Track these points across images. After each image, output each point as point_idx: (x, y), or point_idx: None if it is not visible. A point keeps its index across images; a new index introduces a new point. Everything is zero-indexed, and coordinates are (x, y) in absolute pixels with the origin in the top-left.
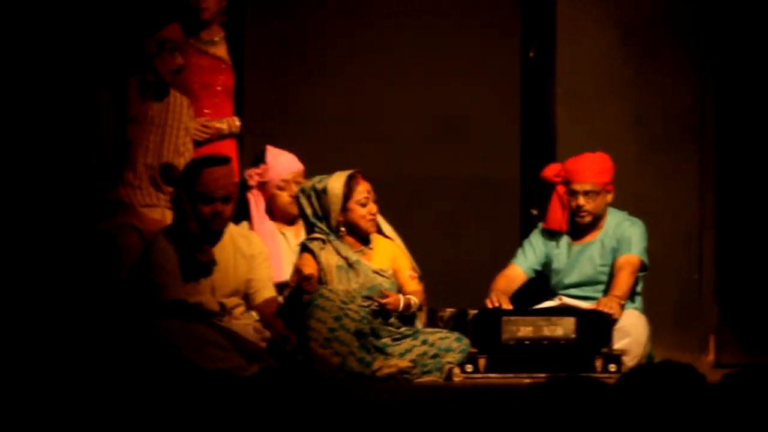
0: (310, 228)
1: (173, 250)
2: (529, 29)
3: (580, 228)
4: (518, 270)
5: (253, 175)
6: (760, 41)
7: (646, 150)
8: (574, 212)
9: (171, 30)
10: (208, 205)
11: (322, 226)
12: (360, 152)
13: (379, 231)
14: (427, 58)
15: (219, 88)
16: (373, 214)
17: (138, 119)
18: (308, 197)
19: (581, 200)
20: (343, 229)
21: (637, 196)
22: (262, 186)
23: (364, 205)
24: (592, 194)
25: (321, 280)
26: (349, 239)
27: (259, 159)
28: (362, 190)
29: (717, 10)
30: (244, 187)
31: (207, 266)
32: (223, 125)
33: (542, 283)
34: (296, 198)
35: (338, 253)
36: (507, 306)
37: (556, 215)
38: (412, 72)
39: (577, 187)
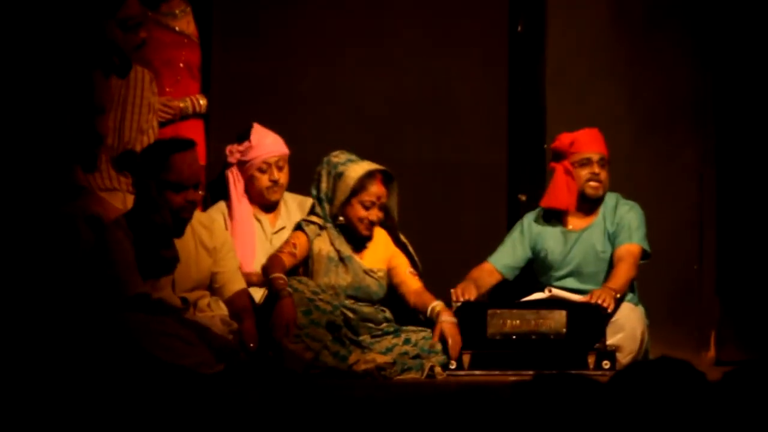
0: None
1: (130, 242)
2: (517, 2)
3: (578, 211)
4: (491, 268)
5: (234, 152)
6: (762, 13)
7: (642, 131)
8: (586, 183)
9: (129, 6)
10: (180, 193)
11: (326, 208)
12: (338, 135)
13: (396, 237)
14: (409, 34)
15: (181, 65)
16: (373, 221)
17: (105, 108)
18: (329, 173)
19: (596, 168)
20: (341, 218)
21: (632, 180)
22: (242, 165)
23: (366, 208)
24: (604, 163)
25: (307, 268)
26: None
27: (243, 136)
28: (373, 192)
29: None
30: (225, 164)
31: (170, 263)
32: (185, 104)
33: (532, 273)
34: (318, 170)
35: (332, 243)
36: (469, 297)
37: (562, 192)
38: (393, 49)
39: (592, 155)
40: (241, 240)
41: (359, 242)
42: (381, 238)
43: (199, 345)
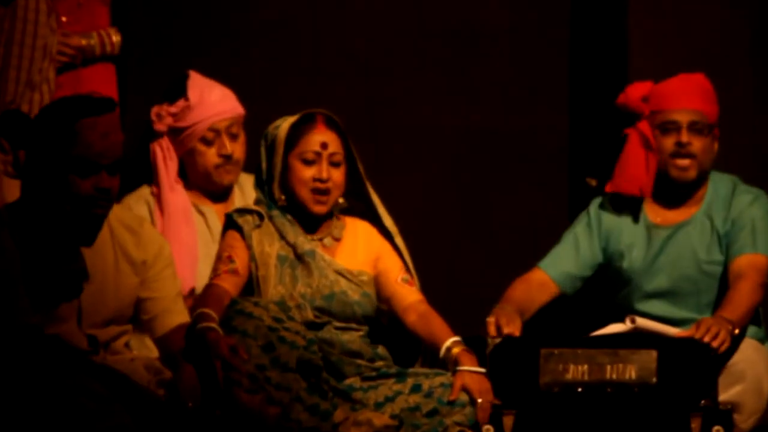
0: None
1: (16, 249)
2: None
3: (669, 198)
4: (543, 277)
5: (165, 116)
6: None
7: (764, 81)
8: (669, 159)
9: None
10: (89, 177)
11: (269, 192)
12: (321, 90)
13: (376, 220)
14: None
15: None
16: (325, 182)
17: None
18: (265, 147)
19: (685, 136)
20: (282, 197)
21: (747, 151)
22: (177, 134)
23: (310, 163)
24: (702, 129)
25: (251, 275)
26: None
27: (176, 90)
28: (314, 141)
29: None
30: (148, 133)
31: (74, 281)
32: (91, 41)
33: (602, 291)
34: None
35: (283, 237)
36: (512, 331)
37: (634, 170)
38: None
39: (678, 116)
40: (177, 245)
41: (323, 231)
42: (362, 229)
43: (111, 402)
